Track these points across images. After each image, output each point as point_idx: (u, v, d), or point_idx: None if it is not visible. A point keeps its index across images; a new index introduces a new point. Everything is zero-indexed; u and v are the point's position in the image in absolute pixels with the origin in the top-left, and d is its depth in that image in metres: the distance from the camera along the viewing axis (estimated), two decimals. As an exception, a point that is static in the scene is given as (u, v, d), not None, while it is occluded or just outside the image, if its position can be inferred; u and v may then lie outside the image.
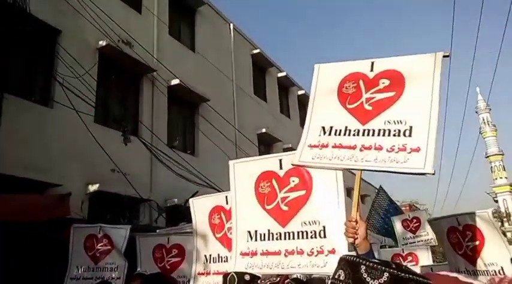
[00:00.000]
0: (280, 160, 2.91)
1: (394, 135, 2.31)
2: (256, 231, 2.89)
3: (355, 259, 1.01)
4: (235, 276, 2.31)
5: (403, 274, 0.95)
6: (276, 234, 2.82)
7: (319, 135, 2.54)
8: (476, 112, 44.29)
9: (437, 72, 2.34)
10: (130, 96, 10.45)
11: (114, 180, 8.65)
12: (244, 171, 3.07)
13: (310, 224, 2.72)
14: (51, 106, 8.13)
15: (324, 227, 2.68)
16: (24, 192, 6.63)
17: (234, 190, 3.07)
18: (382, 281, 0.94)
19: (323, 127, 2.55)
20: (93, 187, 8.21)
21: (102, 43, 9.22)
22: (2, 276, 5.58)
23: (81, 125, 8.02)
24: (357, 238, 2.17)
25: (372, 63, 2.55)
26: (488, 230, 3.83)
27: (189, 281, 4.12)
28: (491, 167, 42.86)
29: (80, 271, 4.99)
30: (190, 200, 4.12)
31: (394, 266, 0.96)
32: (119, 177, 8.68)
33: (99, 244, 5.11)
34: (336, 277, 1.02)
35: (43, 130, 7.79)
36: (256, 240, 2.87)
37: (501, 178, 41.75)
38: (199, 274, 3.83)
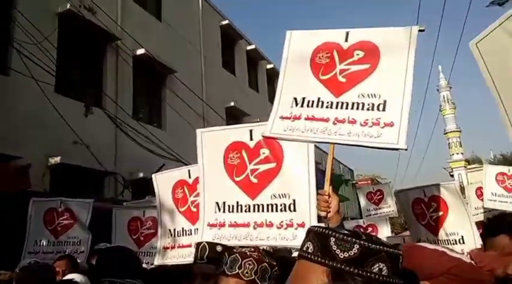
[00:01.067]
0: (251, 131, 2.84)
1: (368, 109, 2.29)
2: (224, 203, 2.85)
3: (324, 230, 0.96)
4: (207, 246, 2.29)
5: (373, 246, 0.90)
6: (245, 206, 2.79)
7: (291, 106, 2.48)
8: (437, 90, 45.73)
9: (412, 47, 2.30)
10: (93, 65, 10.02)
11: (76, 152, 8.38)
12: (213, 141, 2.98)
13: (280, 197, 2.70)
14: (8, 74, 7.68)
15: (293, 200, 2.65)
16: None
17: (202, 160, 2.98)
18: (352, 254, 0.89)
19: (295, 98, 2.49)
20: (54, 160, 7.92)
21: (63, 8, 8.71)
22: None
23: (41, 95, 7.65)
24: (329, 211, 2.17)
25: (347, 33, 2.50)
26: (453, 200, 4.00)
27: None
28: (449, 143, 44.80)
29: (39, 245, 4.85)
30: (153, 175, 4.06)
31: (364, 238, 0.92)
32: (81, 149, 8.42)
33: (61, 218, 4.96)
34: (304, 249, 0.96)
35: (0, 100, 7.37)
36: (224, 212, 2.84)
37: (457, 153, 43.82)
38: (164, 248, 3.80)
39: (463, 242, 3.87)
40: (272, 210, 2.71)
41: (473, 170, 35.45)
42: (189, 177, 3.63)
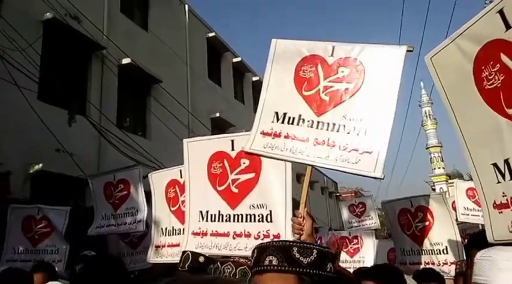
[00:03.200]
0: (232, 141, 2.89)
1: (348, 133, 2.27)
2: (207, 212, 2.88)
3: (285, 243, 1.13)
4: (190, 256, 2.34)
5: (325, 249, 1.11)
6: (226, 216, 2.82)
7: (272, 122, 2.47)
8: (419, 105, 46.56)
9: (398, 69, 2.25)
10: (78, 73, 9.96)
11: (59, 160, 8.28)
12: (198, 151, 3.03)
13: (258, 207, 2.73)
14: (-9, 80, 7.59)
15: (270, 211, 2.68)
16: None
17: (188, 169, 3.04)
18: (313, 258, 1.06)
19: (276, 113, 2.48)
20: (36, 167, 7.81)
21: (48, 16, 8.69)
22: None
23: (24, 102, 7.56)
24: (303, 234, 2.18)
25: (333, 48, 2.45)
26: (440, 211, 4.04)
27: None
28: (431, 158, 45.49)
29: (17, 253, 4.79)
30: (149, 174, 4.22)
31: (315, 244, 1.15)
32: (64, 157, 8.32)
33: (38, 226, 4.94)
34: (267, 263, 1.08)
35: (-18, 106, 7.28)
36: (207, 221, 2.87)
37: (439, 168, 44.52)
38: (156, 246, 3.91)
39: (447, 253, 3.93)
40: (250, 220, 2.74)
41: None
42: (181, 176, 3.71)
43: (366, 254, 6.82)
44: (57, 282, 3.13)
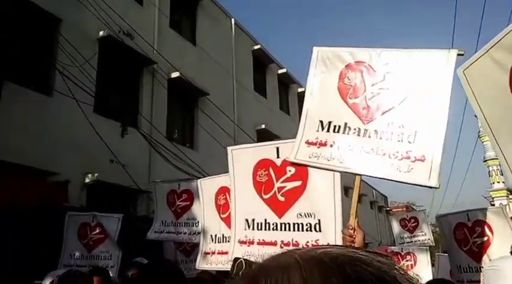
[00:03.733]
0: (277, 148, 2.87)
1: (399, 140, 2.16)
2: (253, 220, 2.87)
3: None
4: (244, 263, 2.32)
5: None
6: (273, 224, 2.80)
7: (317, 130, 2.40)
8: (475, 116, 44.15)
9: (449, 73, 2.13)
10: (130, 87, 10.42)
11: (112, 170, 8.63)
12: (242, 158, 3.04)
13: (305, 216, 2.68)
14: (51, 94, 8.11)
15: (319, 220, 2.63)
16: (22, 178, 6.63)
17: (233, 177, 3.05)
18: None
19: (321, 122, 2.40)
20: (91, 177, 8.20)
21: (103, 33, 9.19)
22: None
23: (80, 115, 7.99)
24: (354, 246, 2.13)
25: (379, 54, 2.35)
26: (499, 226, 3.77)
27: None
28: (489, 171, 42.80)
29: (73, 259, 5.00)
30: (198, 181, 4.30)
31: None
32: (117, 168, 8.67)
33: (93, 232, 5.13)
34: None
35: (42, 119, 7.77)
36: (253, 229, 2.85)
37: (498, 182, 41.73)
38: (205, 253, 3.92)
39: None
40: (298, 229, 2.70)
41: (516, 200, 33.70)
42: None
43: (419, 271, 6.47)
44: (112, 288, 3.21)
